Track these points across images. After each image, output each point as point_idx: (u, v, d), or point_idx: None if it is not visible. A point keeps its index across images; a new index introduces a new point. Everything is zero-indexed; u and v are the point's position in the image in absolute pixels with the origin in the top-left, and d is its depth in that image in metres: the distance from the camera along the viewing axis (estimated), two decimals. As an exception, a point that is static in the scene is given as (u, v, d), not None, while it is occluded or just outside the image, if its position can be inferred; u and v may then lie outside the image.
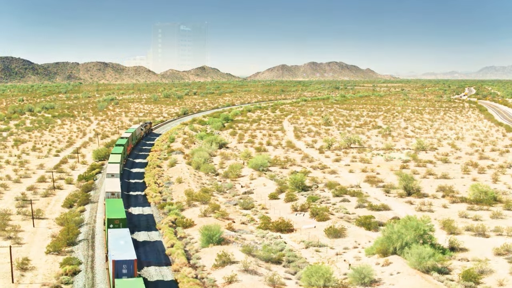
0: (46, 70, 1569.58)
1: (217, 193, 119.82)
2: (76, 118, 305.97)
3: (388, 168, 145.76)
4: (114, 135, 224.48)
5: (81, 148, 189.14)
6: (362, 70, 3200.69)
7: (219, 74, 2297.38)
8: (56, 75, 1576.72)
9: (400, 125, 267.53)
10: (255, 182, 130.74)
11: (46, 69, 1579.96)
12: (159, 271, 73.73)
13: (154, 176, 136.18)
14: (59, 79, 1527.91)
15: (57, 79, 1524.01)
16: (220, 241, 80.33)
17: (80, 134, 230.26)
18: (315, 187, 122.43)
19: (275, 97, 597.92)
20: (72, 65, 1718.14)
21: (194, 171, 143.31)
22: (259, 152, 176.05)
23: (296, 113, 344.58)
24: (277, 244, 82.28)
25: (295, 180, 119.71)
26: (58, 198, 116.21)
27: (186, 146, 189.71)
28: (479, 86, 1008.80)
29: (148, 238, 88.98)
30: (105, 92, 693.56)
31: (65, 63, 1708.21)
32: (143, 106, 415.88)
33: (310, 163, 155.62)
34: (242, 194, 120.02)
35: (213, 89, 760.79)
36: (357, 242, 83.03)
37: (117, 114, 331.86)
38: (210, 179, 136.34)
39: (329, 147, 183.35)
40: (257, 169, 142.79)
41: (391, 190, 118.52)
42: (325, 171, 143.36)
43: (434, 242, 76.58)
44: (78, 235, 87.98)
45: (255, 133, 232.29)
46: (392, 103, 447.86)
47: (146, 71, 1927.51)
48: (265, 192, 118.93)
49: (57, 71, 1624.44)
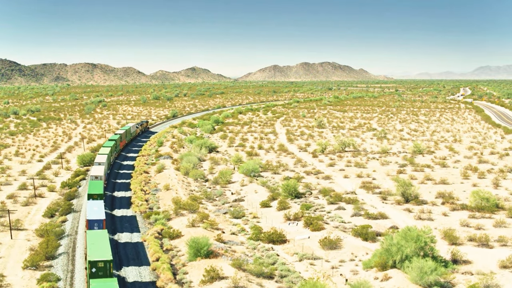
0: (33, 72, 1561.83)
1: (206, 201, 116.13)
2: (62, 121, 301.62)
3: (385, 173, 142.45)
4: (101, 139, 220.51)
5: (66, 153, 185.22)
6: (355, 71, 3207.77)
7: (210, 75, 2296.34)
8: (43, 76, 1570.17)
9: (395, 127, 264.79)
10: (246, 188, 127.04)
11: (33, 71, 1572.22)
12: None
13: (140, 183, 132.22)
14: (46, 80, 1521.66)
15: (45, 80, 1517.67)
16: (208, 254, 76.64)
17: (65, 138, 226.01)
18: (309, 194, 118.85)
19: (267, 98, 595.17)
20: (60, 66, 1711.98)
21: (182, 177, 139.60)
22: (250, 156, 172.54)
23: (289, 115, 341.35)
24: (269, 257, 78.73)
25: (287, 186, 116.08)
26: (39, 207, 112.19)
27: (175, 150, 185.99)
28: (474, 86, 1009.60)
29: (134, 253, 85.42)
30: (93, 94, 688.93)
31: (52, 64, 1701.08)
32: (131, 108, 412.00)
33: (303, 168, 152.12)
34: (233, 201, 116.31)
35: (203, 91, 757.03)
36: (354, 254, 79.52)
37: (104, 117, 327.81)
38: (199, 185, 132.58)
39: (322, 151, 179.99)
40: (248, 175, 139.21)
41: (388, 197, 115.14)
42: (319, 176, 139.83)
43: (435, 255, 73.22)
44: (58, 248, 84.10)
45: (247, 136, 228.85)
46: (387, 104, 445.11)
47: (135, 72, 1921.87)
48: (256, 200, 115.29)
49: (45, 72, 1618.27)
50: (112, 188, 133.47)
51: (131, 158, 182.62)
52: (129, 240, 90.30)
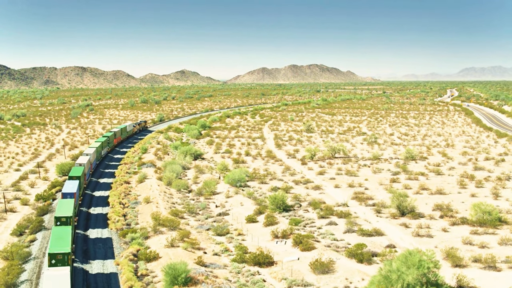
0: (23, 75, 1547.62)
1: (189, 215, 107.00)
2: (47, 126, 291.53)
3: (377, 182, 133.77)
4: (84, 146, 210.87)
5: (46, 161, 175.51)
6: (342, 72, 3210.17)
7: (199, 78, 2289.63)
8: (33, 80, 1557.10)
9: (385, 131, 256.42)
10: (232, 200, 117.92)
11: (23, 74, 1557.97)
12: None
13: (120, 195, 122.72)
14: (36, 84, 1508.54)
15: (34, 84, 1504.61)
16: (187, 282, 67.55)
17: (47, 144, 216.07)
18: (298, 207, 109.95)
19: (255, 101, 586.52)
20: (49, 70, 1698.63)
21: (165, 187, 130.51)
22: (237, 164, 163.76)
23: (277, 118, 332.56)
24: (255, 284, 69.84)
25: (275, 199, 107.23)
26: (8, 223, 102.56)
27: (159, 157, 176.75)
28: (460, 88, 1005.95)
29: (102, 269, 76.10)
30: (82, 97, 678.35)
31: (42, 68, 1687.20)
32: (119, 112, 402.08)
33: (292, 177, 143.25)
34: (217, 215, 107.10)
35: (192, 93, 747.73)
36: (349, 279, 70.60)
37: (90, 122, 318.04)
38: (182, 197, 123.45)
39: (312, 158, 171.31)
40: (234, 185, 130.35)
41: (382, 209, 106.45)
42: (309, 186, 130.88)
43: (440, 282, 64.52)
44: (21, 274, 74.69)
45: (234, 142, 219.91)
46: (375, 107, 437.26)
47: (125, 75, 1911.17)
48: (242, 213, 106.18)
49: (35, 76, 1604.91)
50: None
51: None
52: (101, 267, 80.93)
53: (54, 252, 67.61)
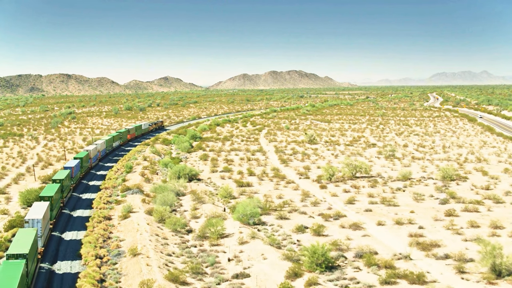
0: (8, 83, 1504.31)
1: (193, 277, 72.29)
2: (23, 138, 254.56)
3: (431, 217, 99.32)
4: (60, 162, 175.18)
5: (12, 184, 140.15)
6: (321, 78, 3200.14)
7: (182, 84, 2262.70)
8: (18, 87, 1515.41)
9: (396, 141, 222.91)
10: (248, 248, 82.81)
11: (8, 82, 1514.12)
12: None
13: (97, 241, 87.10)
14: (21, 91, 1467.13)
15: (20, 91, 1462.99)
16: None
17: (18, 161, 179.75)
18: (344, 263, 75.88)
19: (241, 107, 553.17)
20: (35, 77, 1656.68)
21: (156, 226, 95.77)
22: (241, 187, 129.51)
23: (271, 127, 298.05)
24: None
25: (314, 253, 72.93)
26: None
27: (147, 179, 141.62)
28: (440, 92, 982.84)
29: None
30: (65, 104, 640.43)
31: (28, 75, 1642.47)
32: (102, 120, 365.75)
33: (315, 207, 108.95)
34: (233, 277, 72.27)
35: (177, 100, 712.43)
36: None
37: (71, 132, 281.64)
38: (180, 243, 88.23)
39: (330, 179, 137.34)
40: (245, 222, 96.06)
41: (464, 266, 72.34)
42: (344, 223, 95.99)
43: None
44: None
45: (231, 156, 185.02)
46: (368, 113, 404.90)
47: (109, 82, 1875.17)
48: (268, 274, 71.40)
49: (20, 83, 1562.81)
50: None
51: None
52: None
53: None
